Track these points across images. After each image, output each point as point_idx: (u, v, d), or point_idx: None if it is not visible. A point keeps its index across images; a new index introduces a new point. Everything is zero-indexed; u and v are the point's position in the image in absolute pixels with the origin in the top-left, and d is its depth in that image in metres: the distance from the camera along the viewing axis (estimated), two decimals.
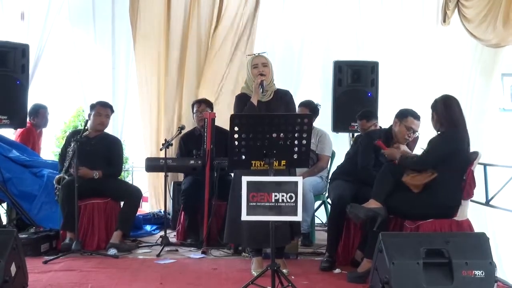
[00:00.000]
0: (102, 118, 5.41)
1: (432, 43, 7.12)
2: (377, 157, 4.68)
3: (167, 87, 6.80)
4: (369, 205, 4.20)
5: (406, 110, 4.67)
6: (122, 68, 6.92)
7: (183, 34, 6.83)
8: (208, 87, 6.80)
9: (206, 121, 5.17)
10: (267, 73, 4.34)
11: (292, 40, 7.08)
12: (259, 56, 4.42)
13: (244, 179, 3.32)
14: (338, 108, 6.33)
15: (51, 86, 7.91)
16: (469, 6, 6.78)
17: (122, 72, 6.92)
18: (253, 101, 4.29)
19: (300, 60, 7.09)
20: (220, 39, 6.82)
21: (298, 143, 3.63)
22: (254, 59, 4.40)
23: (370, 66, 6.36)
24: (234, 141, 3.59)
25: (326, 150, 5.74)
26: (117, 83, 6.89)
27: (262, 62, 4.37)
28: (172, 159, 5.47)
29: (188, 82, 6.83)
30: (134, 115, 7.09)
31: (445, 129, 4.20)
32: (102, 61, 6.92)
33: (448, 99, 4.27)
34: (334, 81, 6.37)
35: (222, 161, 5.00)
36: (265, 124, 3.59)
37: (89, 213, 5.24)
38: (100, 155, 5.36)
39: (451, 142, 4.14)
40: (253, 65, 4.37)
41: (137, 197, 5.34)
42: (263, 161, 3.60)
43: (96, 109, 5.43)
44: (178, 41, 6.82)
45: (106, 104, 5.51)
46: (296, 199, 3.34)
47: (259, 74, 4.31)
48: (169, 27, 6.80)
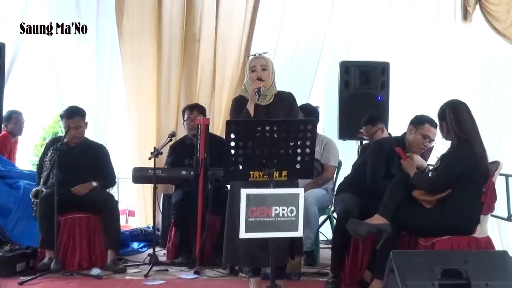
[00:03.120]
0: (72, 131, 5.28)
1: (450, 42, 7.12)
2: (388, 167, 4.68)
3: (159, 90, 6.81)
4: (373, 221, 4.19)
5: (422, 116, 4.68)
6: (106, 68, 6.92)
7: (176, 32, 6.84)
8: (205, 90, 6.83)
9: (199, 127, 5.17)
10: (266, 77, 4.33)
11: (293, 38, 7.09)
12: (259, 57, 4.41)
13: (243, 192, 3.31)
14: (345, 113, 6.33)
15: (29, 89, 7.91)
16: (494, 2, 6.77)
17: (106, 73, 6.92)
18: (249, 109, 4.29)
19: (301, 60, 7.10)
20: (219, 37, 6.84)
21: (301, 151, 3.63)
22: (253, 61, 4.39)
23: (380, 67, 6.36)
24: (230, 149, 3.58)
25: (332, 159, 5.74)
26: (100, 85, 6.88)
27: (261, 64, 4.35)
28: (161, 169, 5.47)
29: (183, 85, 6.85)
30: (120, 120, 7.10)
31: (456, 141, 4.18)
32: (84, 62, 6.91)
33: (457, 105, 4.24)
34: (341, 83, 6.37)
35: (217, 172, 5.00)
36: (265, 130, 3.59)
37: (69, 229, 5.23)
38: (86, 166, 5.36)
39: (465, 160, 4.12)
40: (251, 67, 4.36)
41: (111, 205, 5.31)
42: (262, 171, 3.60)
43: (64, 122, 5.32)
44: (171, 40, 6.84)
45: (73, 113, 5.30)
46: (297, 213, 3.33)
47: (256, 79, 4.31)
48: (160, 24, 6.80)
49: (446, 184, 4.14)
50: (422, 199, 4.20)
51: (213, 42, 6.82)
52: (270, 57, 4.51)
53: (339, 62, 6.45)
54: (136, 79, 6.84)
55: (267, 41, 6.99)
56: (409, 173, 4.36)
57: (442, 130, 4.29)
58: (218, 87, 6.84)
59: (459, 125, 4.16)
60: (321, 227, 6.01)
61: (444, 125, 4.25)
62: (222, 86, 6.84)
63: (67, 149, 5.22)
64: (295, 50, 7.09)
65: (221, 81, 6.84)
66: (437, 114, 4.31)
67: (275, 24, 7.12)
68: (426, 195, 4.20)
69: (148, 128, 6.82)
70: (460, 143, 4.16)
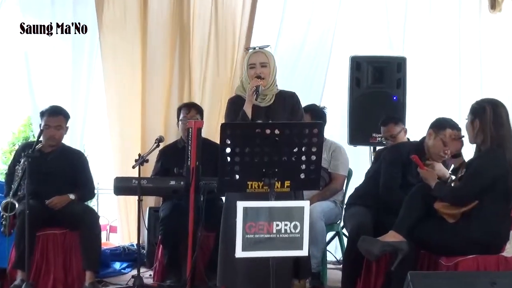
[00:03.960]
0: (51, 130, 5.34)
1: (475, 34, 7.14)
2: (406, 176, 4.68)
3: (144, 89, 6.83)
4: (387, 238, 4.19)
5: (444, 119, 4.69)
6: (85, 65, 6.91)
7: (164, 22, 6.85)
8: (198, 89, 6.85)
9: (190, 131, 5.16)
10: (266, 75, 4.35)
11: (299, 29, 7.12)
12: (258, 52, 4.42)
13: (240, 205, 3.29)
14: (356, 115, 6.34)
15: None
16: None
17: (84, 70, 6.91)
18: (246, 110, 4.30)
19: (306, 55, 7.11)
20: (214, 27, 6.85)
21: (306, 159, 3.63)
22: (252, 56, 4.40)
23: (396, 63, 6.37)
24: (225, 156, 3.59)
25: (341, 168, 5.74)
26: (77, 84, 6.86)
27: (261, 61, 4.37)
28: (147, 179, 5.46)
29: (172, 83, 6.87)
30: (100, 124, 7.10)
31: (487, 145, 4.15)
32: (59, 56, 6.90)
33: (499, 105, 4.21)
34: (351, 81, 6.38)
35: (210, 182, 4.99)
36: (264, 135, 3.59)
37: (43, 247, 5.23)
38: (61, 175, 5.37)
39: (496, 167, 4.11)
40: (250, 64, 4.38)
41: (92, 219, 5.32)
42: (262, 181, 3.60)
43: (44, 119, 5.38)
44: (158, 30, 6.84)
45: (56, 110, 5.42)
46: (302, 229, 3.32)
47: (255, 76, 4.32)
48: (146, 13, 6.81)
49: (473, 194, 4.13)
50: (445, 213, 4.19)
51: (207, 33, 6.83)
52: (272, 51, 4.52)
53: (349, 57, 6.46)
54: (118, 76, 6.83)
55: (269, 32, 7.01)
56: (429, 184, 4.35)
57: (472, 128, 4.24)
58: (213, 85, 6.85)
59: (496, 127, 4.13)
60: (329, 245, 6.03)
61: (477, 124, 4.19)
62: (217, 83, 6.85)
63: (40, 156, 5.22)
64: (302, 43, 7.11)
65: (216, 78, 6.85)
66: (471, 110, 4.25)
67: (278, 13, 7.12)
68: (450, 207, 4.20)
69: (132, 133, 6.82)
70: (491, 148, 4.13)
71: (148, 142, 6.54)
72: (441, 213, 4.21)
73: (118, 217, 6.96)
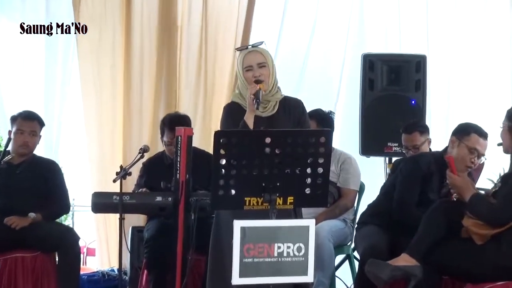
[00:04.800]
0: (25, 136, 5.36)
1: (507, 31, 7.15)
2: (425, 191, 4.67)
3: (128, 93, 6.85)
4: (399, 262, 4.18)
5: (468, 125, 4.71)
6: (59, 66, 6.92)
7: (150, 16, 6.86)
8: (189, 93, 6.86)
9: (179, 140, 5.15)
10: (266, 77, 4.31)
11: (306, 24, 7.13)
12: (254, 51, 4.36)
13: (237, 224, 3.28)
14: (369, 121, 6.35)
15: None
16: None
17: (59, 72, 6.92)
18: (248, 121, 4.27)
19: (313, 54, 7.12)
20: (207, 22, 6.87)
21: (312, 171, 3.62)
22: (246, 57, 4.34)
23: (415, 62, 6.37)
24: (219, 168, 3.57)
25: (352, 182, 5.74)
26: (51, 86, 6.88)
27: (258, 61, 4.32)
28: (130, 194, 5.44)
29: (159, 86, 6.88)
30: (76, 131, 7.12)
31: None
32: (31, 56, 6.92)
33: None
34: (363, 83, 6.39)
35: (202, 198, 4.97)
36: (264, 144, 3.57)
37: (10, 272, 5.22)
38: (30, 189, 5.37)
39: None
40: (246, 67, 4.33)
41: (71, 241, 5.32)
42: (261, 197, 3.58)
43: (17, 124, 5.40)
44: (144, 26, 6.85)
45: (31, 115, 5.47)
46: (307, 252, 3.31)
47: (254, 80, 4.27)
48: (129, 6, 6.83)
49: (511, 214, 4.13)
50: (475, 232, 4.18)
51: (200, 28, 6.85)
52: (267, 48, 4.44)
53: (362, 55, 6.46)
54: (97, 79, 6.85)
55: (271, 28, 7.04)
56: (459, 194, 4.34)
57: (509, 136, 4.26)
58: (206, 89, 6.87)
59: None
60: (338, 270, 6.01)
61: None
62: (211, 87, 6.87)
63: (8, 168, 5.24)
64: (311, 41, 7.12)
65: (210, 81, 6.86)
66: (508, 115, 4.28)
67: (279, 10, 7.13)
68: (482, 227, 4.18)
69: (113, 142, 6.84)
70: None
71: (131, 153, 6.56)
72: (470, 232, 4.20)
73: (96, 238, 6.94)
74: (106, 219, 6.78)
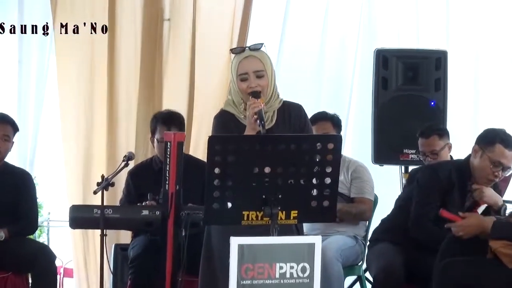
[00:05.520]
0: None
1: None
2: (445, 205, 4.69)
3: (111, 94, 6.87)
4: None
5: (493, 132, 4.72)
6: (34, 65, 6.96)
7: (135, 7, 6.89)
8: (179, 94, 6.89)
9: (169, 146, 5.13)
10: (264, 87, 4.23)
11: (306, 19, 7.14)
12: (251, 57, 4.24)
13: (234, 242, 3.29)
14: (382, 125, 6.36)
15: None
16: None
17: (33, 71, 6.95)
18: None
19: (319, 51, 7.12)
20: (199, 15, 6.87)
21: (319, 182, 3.62)
22: (242, 63, 4.23)
23: (435, 58, 6.36)
24: (213, 179, 3.57)
25: (367, 191, 5.75)
26: (25, 87, 6.92)
27: (255, 69, 4.21)
28: (113, 208, 5.45)
29: (144, 86, 6.90)
30: (53, 137, 7.13)
31: None
32: (3, 56, 6.96)
33: None
34: (376, 82, 6.40)
35: (194, 212, 4.97)
36: (265, 152, 3.58)
37: None
38: (1, 202, 5.40)
39: None
40: (240, 74, 4.23)
41: (46, 260, 5.33)
42: (261, 211, 3.57)
43: None
44: (127, 19, 6.88)
45: (4, 118, 5.55)
46: (312, 273, 3.31)
47: (249, 93, 4.20)
48: (113, 3, 6.87)
49: None
50: (505, 253, 4.18)
51: (191, 22, 6.87)
52: (267, 51, 4.32)
53: (374, 51, 6.46)
54: (75, 78, 6.88)
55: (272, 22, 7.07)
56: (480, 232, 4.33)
57: None
58: (198, 90, 6.89)
59: None
60: None
61: None
62: (203, 88, 6.89)
63: None
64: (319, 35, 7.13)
65: (202, 81, 6.88)
66: None
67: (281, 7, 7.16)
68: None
69: (93, 149, 6.86)
70: None
71: (115, 161, 6.59)
72: (499, 254, 4.21)
73: (74, 257, 6.95)
74: (85, 236, 6.78)
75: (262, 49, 4.28)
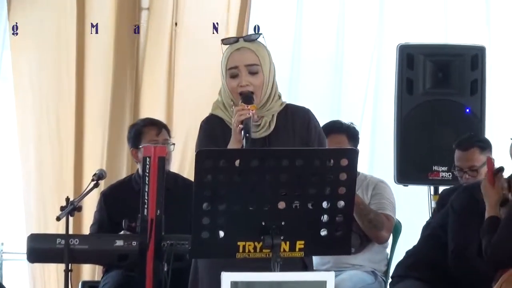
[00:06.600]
0: None
1: None
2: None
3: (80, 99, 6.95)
4: None
5: None
6: None
7: None
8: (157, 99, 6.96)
9: (148, 163, 5.11)
10: (258, 87, 4.20)
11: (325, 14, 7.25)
12: (243, 49, 4.22)
13: (226, 278, 3.27)
14: (407, 137, 6.39)
15: None
16: None
17: None
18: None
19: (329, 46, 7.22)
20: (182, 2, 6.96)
21: (330, 206, 3.60)
22: (232, 56, 4.21)
23: (470, 56, 6.38)
24: (202, 202, 3.55)
25: (389, 208, 5.74)
26: None
27: (247, 62, 4.19)
28: (80, 237, 5.45)
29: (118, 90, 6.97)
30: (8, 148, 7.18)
31: None
32: None
33: None
34: (400, 84, 6.42)
35: (179, 242, 5.00)
36: (265, 169, 3.56)
37: None
38: None
39: None
40: (230, 69, 4.22)
41: None
42: (261, 242, 3.55)
43: None
44: (99, 9, 6.98)
45: None
46: None
47: (240, 93, 4.17)
48: None
49: None
50: None
51: (172, 10, 6.94)
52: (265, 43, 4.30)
53: (397, 47, 6.48)
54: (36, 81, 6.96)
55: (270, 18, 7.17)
56: None
57: None
58: (180, 95, 6.97)
59: None
60: None
61: None
62: (186, 92, 6.96)
63: None
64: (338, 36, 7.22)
65: (185, 84, 6.98)
66: None
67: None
68: None
69: (58, 166, 6.89)
70: None
71: (84, 180, 6.62)
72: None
73: None
74: (46, 271, 6.81)
75: (260, 40, 4.26)
